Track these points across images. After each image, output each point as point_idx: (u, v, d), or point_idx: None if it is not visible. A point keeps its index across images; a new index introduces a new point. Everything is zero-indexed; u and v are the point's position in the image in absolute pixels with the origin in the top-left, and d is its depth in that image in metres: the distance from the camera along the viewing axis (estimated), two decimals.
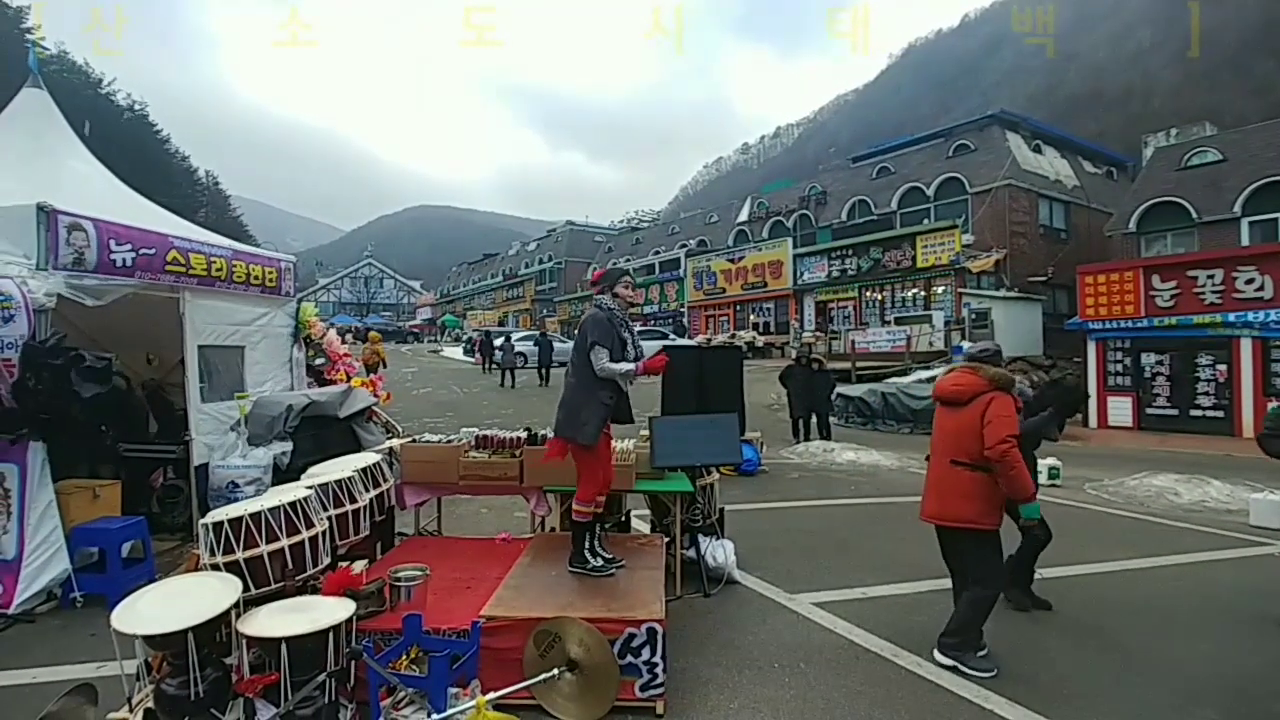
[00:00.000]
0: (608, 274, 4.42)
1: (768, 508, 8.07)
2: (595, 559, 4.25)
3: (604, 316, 4.21)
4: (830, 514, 7.79)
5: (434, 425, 12.75)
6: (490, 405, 17.03)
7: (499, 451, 5.29)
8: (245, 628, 2.94)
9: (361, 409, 6.88)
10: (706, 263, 36.07)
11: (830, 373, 13.21)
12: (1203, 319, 13.93)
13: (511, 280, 62.14)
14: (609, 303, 4.29)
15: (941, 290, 25.05)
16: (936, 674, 3.90)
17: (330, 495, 4.09)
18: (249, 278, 6.60)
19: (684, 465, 5.28)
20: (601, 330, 4.14)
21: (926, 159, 29.87)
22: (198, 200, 56.29)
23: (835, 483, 9.69)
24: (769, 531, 6.92)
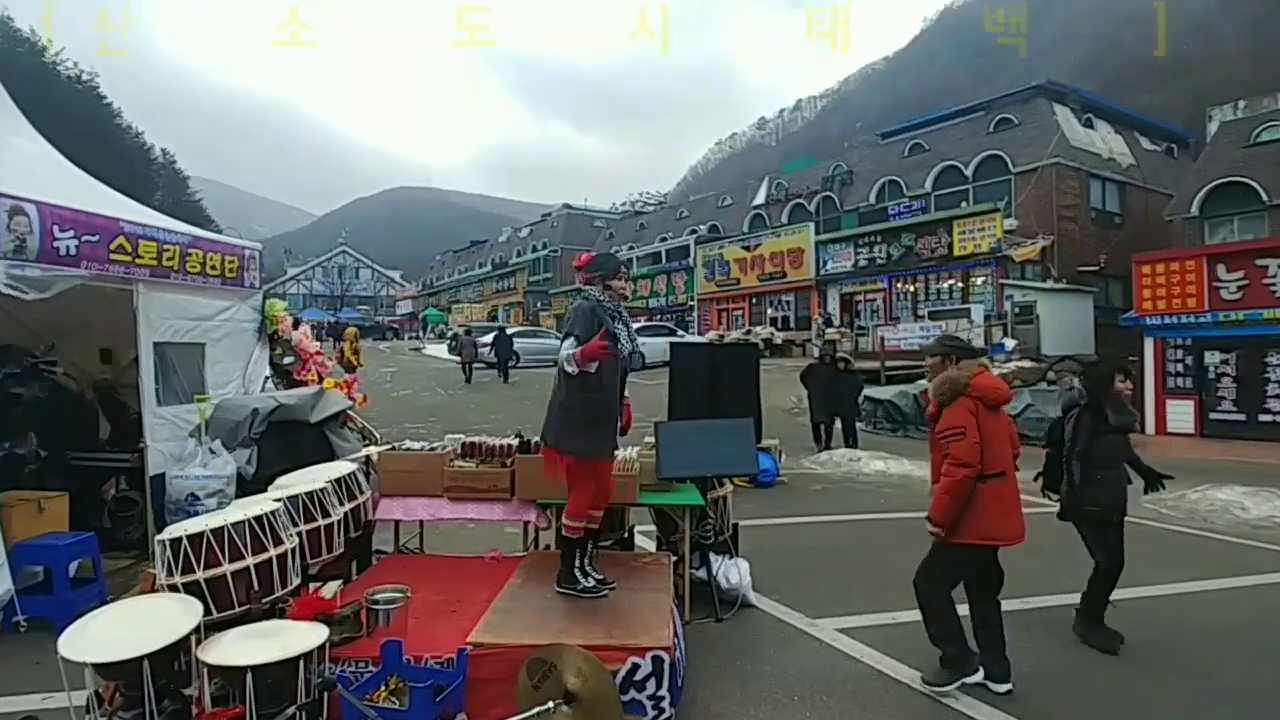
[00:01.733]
0: (598, 261, 4.33)
1: (787, 523, 8.06)
2: (586, 579, 4.25)
3: (589, 307, 4.16)
4: (857, 530, 7.78)
5: (415, 431, 12.77)
6: (478, 409, 17.04)
7: (488, 460, 5.29)
8: (206, 655, 2.95)
9: (335, 413, 6.89)
10: (719, 251, 36.08)
11: (857, 373, 13.21)
12: (1274, 314, 13.86)
13: (502, 270, 62.24)
14: (597, 294, 4.23)
15: (981, 281, 25.00)
16: (973, 707, 3.90)
17: (300, 509, 4.10)
18: (206, 267, 6.61)
19: (693, 476, 5.28)
20: (581, 321, 4.08)
21: (964, 135, 29.81)
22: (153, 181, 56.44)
23: (862, 495, 9.67)
24: (788, 550, 6.91)
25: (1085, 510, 4.73)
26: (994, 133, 28.60)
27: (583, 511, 4.24)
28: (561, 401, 4.14)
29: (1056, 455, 4.98)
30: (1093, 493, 4.69)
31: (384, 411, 15.56)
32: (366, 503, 4.89)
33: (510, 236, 68.54)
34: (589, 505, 4.27)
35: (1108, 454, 4.70)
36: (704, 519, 5.37)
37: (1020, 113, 28.10)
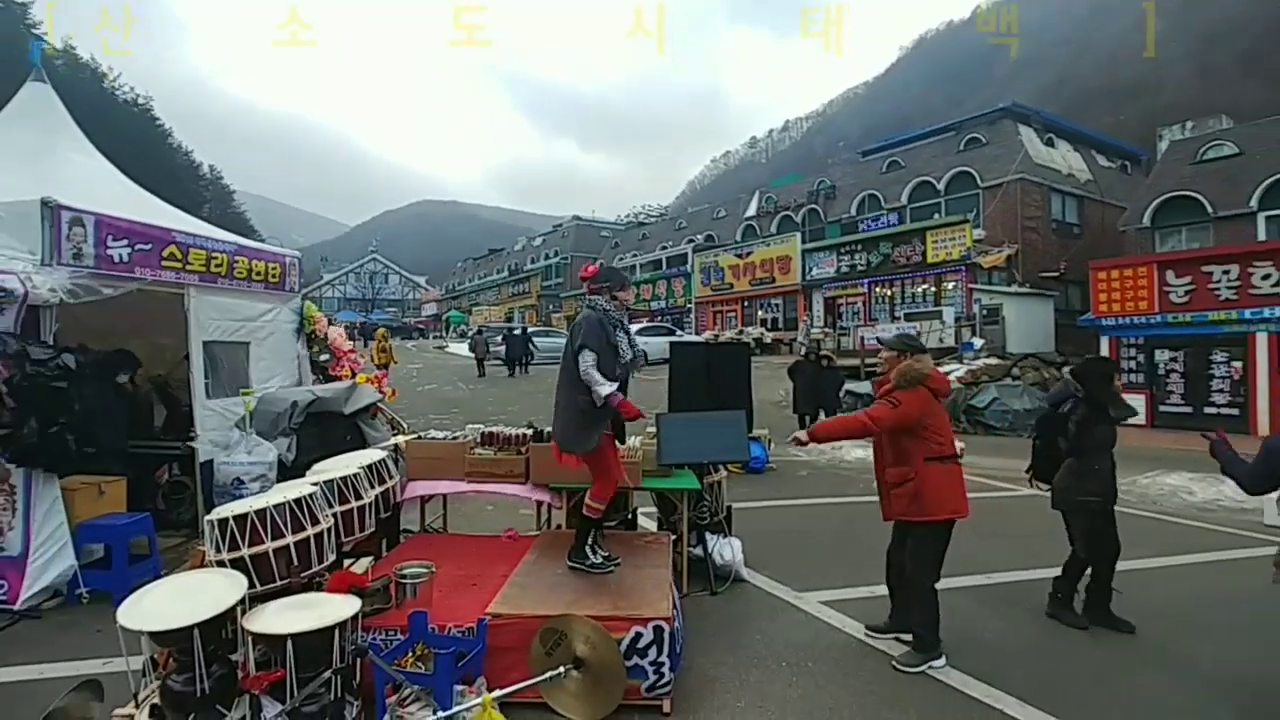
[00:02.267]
0: (605, 274, 4.28)
1: (776, 505, 8.07)
2: (595, 555, 4.25)
3: (596, 318, 4.11)
4: (839, 512, 7.77)
5: (439, 422, 12.78)
6: (496, 402, 17.05)
7: (504, 449, 5.30)
8: (251, 624, 2.95)
9: (366, 405, 6.90)
10: (714, 258, 36.03)
11: (839, 369, 13.18)
12: (1218, 315, 13.82)
13: (517, 276, 62.22)
14: (604, 305, 4.18)
15: (952, 286, 24.94)
16: (945, 673, 3.89)
17: (335, 492, 4.11)
18: (252, 273, 6.62)
19: (691, 463, 5.28)
20: (593, 334, 4.04)
21: (937, 153, 29.72)
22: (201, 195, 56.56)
23: (844, 480, 9.67)
24: (777, 530, 6.91)
25: (1079, 500, 4.58)
26: (964, 151, 28.51)
27: (608, 496, 4.26)
28: (578, 408, 4.06)
29: (1046, 447, 4.83)
30: (1088, 483, 4.56)
31: (411, 404, 15.57)
32: (395, 486, 4.90)
33: (525, 245, 68.52)
34: (614, 489, 4.30)
35: (1101, 445, 4.58)
36: (700, 502, 5.37)
37: (988, 133, 28.01)
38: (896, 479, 4.02)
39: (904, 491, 3.98)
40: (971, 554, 5.69)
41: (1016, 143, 26.60)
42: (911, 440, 3.96)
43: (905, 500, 3.98)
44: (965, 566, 5.37)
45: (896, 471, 4.02)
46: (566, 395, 4.12)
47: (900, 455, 4.01)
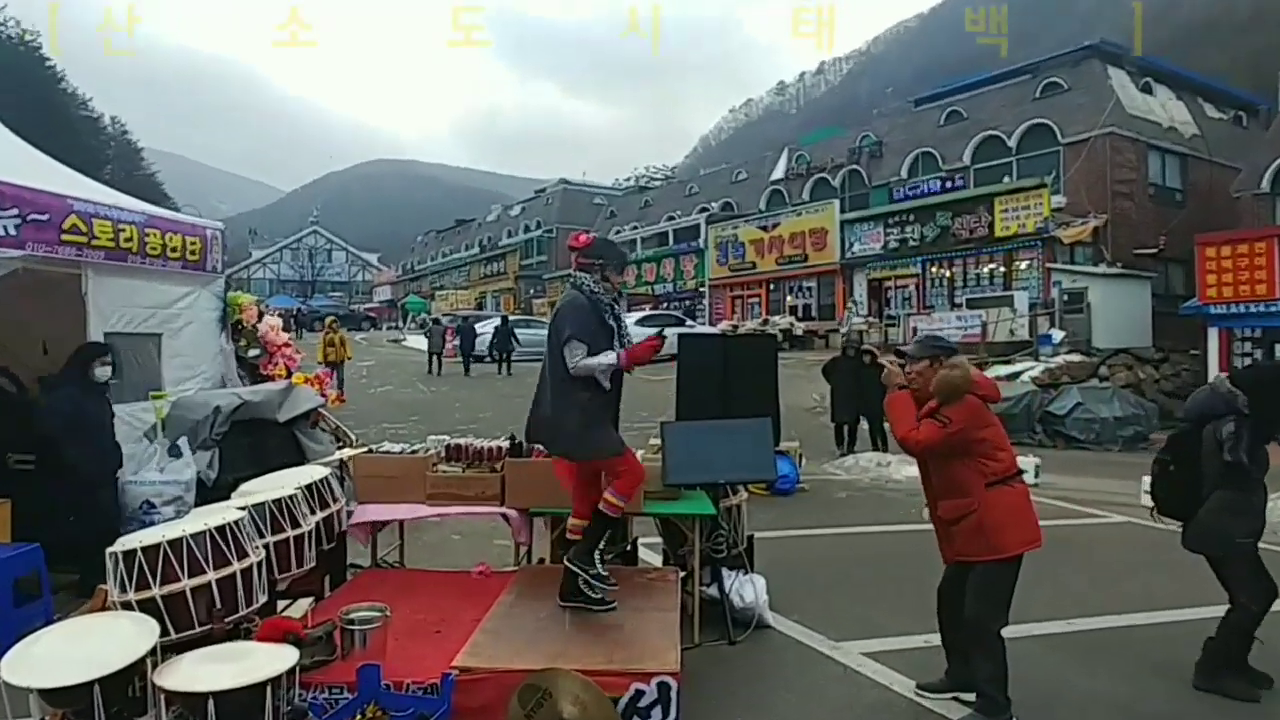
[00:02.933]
0: (600, 246, 4.34)
1: (808, 535, 8.07)
2: (600, 565, 4.27)
3: (584, 301, 4.14)
4: (885, 543, 7.78)
5: (395, 432, 12.79)
6: (464, 407, 17.08)
7: (475, 465, 5.30)
8: (164, 680, 2.96)
9: (305, 412, 6.91)
10: (733, 231, 36.05)
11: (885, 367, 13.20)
12: None
13: (491, 252, 62.29)
14: (592, 285, 4.21)
15: (1025, 265, 24.92)
16: None
17: (268, 518, 4.11)
18: (166, 250, 6.63)
19: (704, 483, 5.28)
20: (580, 320, 4.08)
21: (1008, 101, 29.68)
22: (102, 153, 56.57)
23: (891, 504, 9.68)
24: (809, 564, 6.91)
25: (1241, 543, 4.40)
26: (1040, 99, 28.46)
27: (635, 487, 4.33)
28: (581, 406, 4.10)
29: (1182, 473, 4.63)
30: (1248, 521, 4.41)
31: (360, 409, 15.59)
32: (340, 511, 4.90)
33: (500, 215, 68.47)
34: (642, 477, 4.38)
35: (1263, 472, 4.48)
36: (715, 530, 5.37)
37: (1070, 76, 27.94)
38: (953, 514, 4.03)
39: (965, 527, 3.98)
40: (1048, 594, 5.70)
41: (1106, 89, 26.57)
42: (965, 464, 3.97)
43: (968, 537, 3.99)
44: (1040, 609, 5.37)
45: (952, 505, 4.03)
46: (561, 394, 4.14)
47: (953, 484, 4.03)
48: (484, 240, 66.24)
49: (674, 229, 41.59)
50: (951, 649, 4.30)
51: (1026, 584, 4.06)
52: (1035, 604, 4.40)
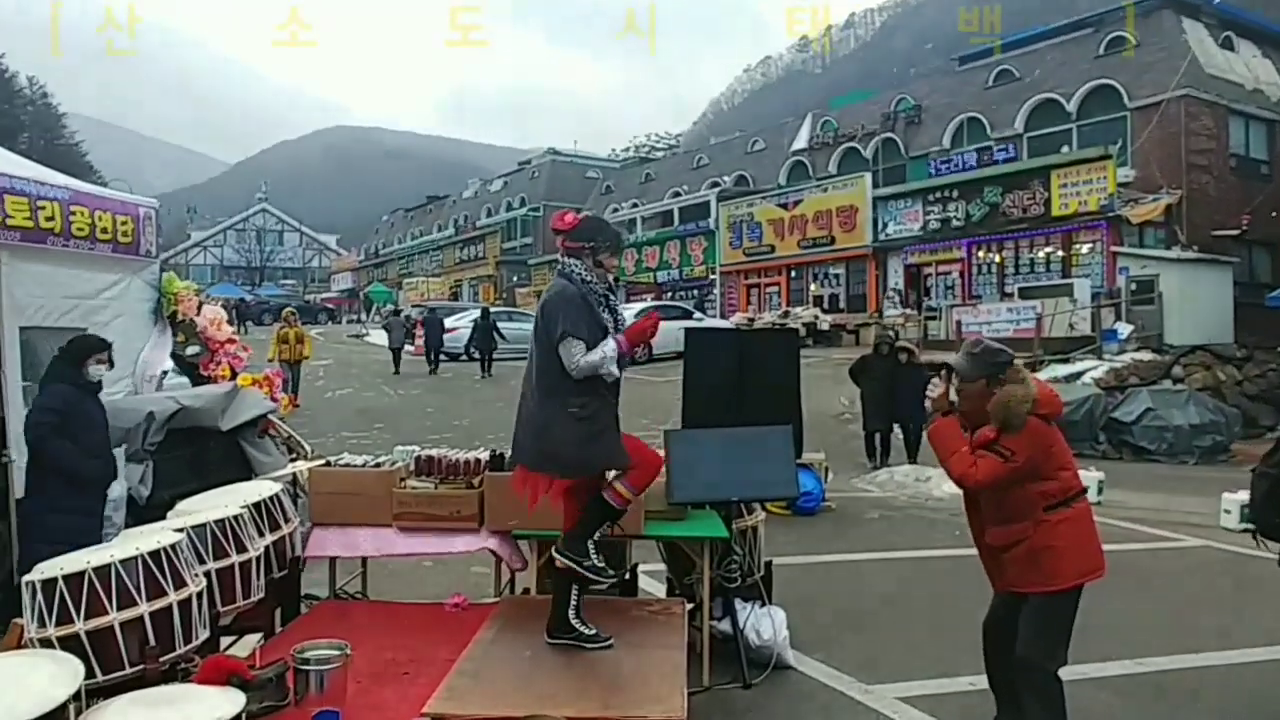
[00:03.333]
0: (592, 227, 4.34)
1: (835, 561, 8.07)
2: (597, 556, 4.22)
3: (574, 292, 4.12)
4: (924, 572, 7.77)
5: (356, 442, 12.79)
6: (437, 413, 17.08)
7: (450, 480, 5.30)
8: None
9: (253, 419, 6.91)
10: (748, 209, 36.06)
11: (924, 367, 13.15)
12: None
13: (467, 234, 62.31)
14: (582, 271, 4.19)
15: (1088, 249, 24.92)
16: None
17: (209, 541, 4.11)
18: (94, 231, 6.63)
19: (714, 500, 5.28)
20: (573, 313, 4.05)
21: (1067, 59, 29.69)
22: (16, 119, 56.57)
23: (931, 526, 9.67)
24: (837, 595, 6.92)
25: None
26: (1105, 56, 28.46)
27: (649, 478, 4.33)
28: (575, 418, 4.07)
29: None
30: None
31: (316, 416, 15.58)
32: (294, 534, 4.90)
33: (478, 190, 68.52)
34: (658, 467, 4.39)
35: None
36: (728, 555, 5.37)
37: (1140, 30, 27.94)
38: (1003, 541, 4.02)
39: (1017, 555, 3.98)
40: (1112, 629, 5.70)
41: (1180, 44, 26.56)
42: (1022, 488, 3.96)
43: (1021, 566, 3.98)
44: (1103, 647, 5.37)
45: (1003, 533, 4.02)
46: (553, 403, 4.10)
47: (1006, 510, 4.02)
48: (459, 220, 66.26)
49: (680, 207, 41.61)
50: (1001, 692, 4.29)
51: (1088, 617, 4.06)
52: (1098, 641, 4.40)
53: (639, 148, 65.74)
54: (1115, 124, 27.24)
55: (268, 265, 80.00)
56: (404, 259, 70.82)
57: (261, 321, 45.58)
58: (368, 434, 14.34)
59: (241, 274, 78.00)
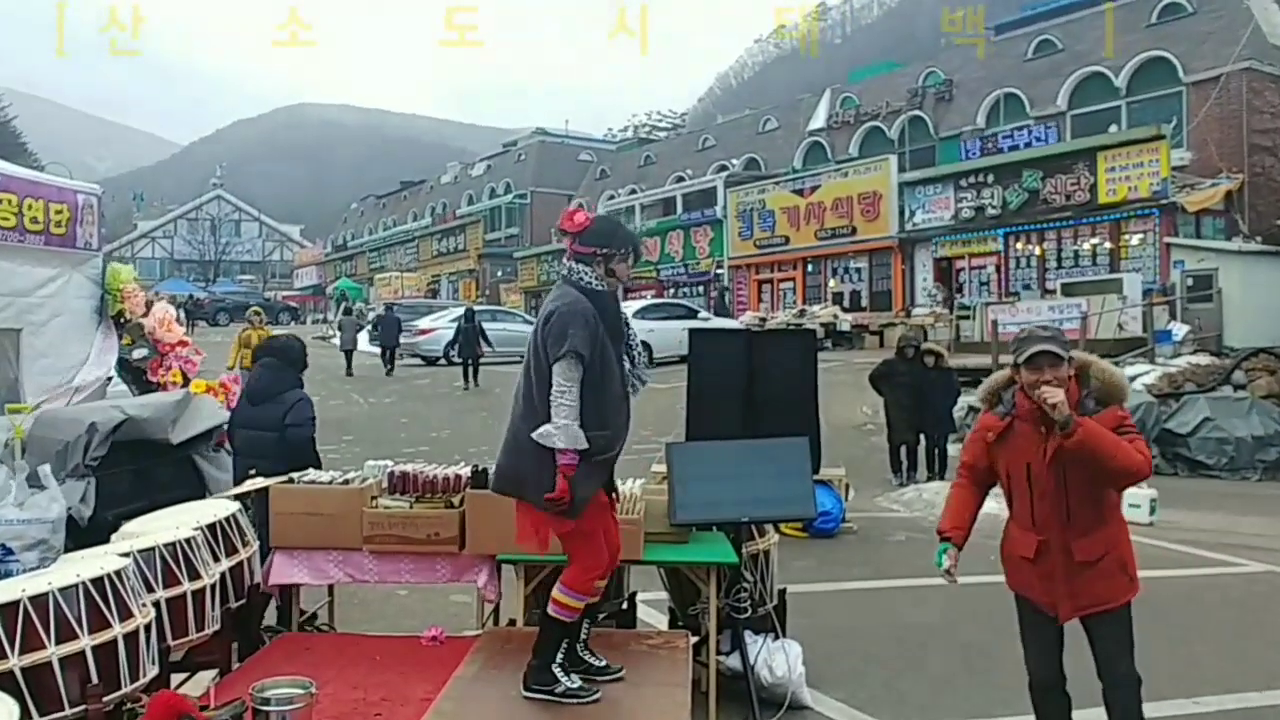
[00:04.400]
0: (606, 230, 4.29)
1: (857, 589, 8.08)
2: (568, 677, 4.20)
3: (587, 306, 4.05)
4: (957, 601, 7.75)
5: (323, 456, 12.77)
6: (412, 424, 17.08)
7: (427, 498, 5.30)
8: None
9: (207, 430, 6.91)
10: (759, 195, 36.11)
11: (953, 372, 13.18)
12: None
13: (446, 224, 62.33)
14: (594, 281, 4.14)
15: (1139, 240, 24.95)
16: None
17: (158, 567, 4.11)
18: (25, 220, 6.63)
19: (722, 522, 5.29)
20: (583, 331, 3.97)
21: (1116, 29, 29.64)
22: None
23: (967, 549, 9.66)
24: (858, 627, 6.93)
25: None
26: (1157, 25, 28.52)
27: (590, 583, 4.19)
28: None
29: None
30: None
31: None
32: (253, 558, 4.90)
33: (459, 175, 68.55)
34: (601, 573, 4.24)
35: None
36: (737, 583, 5.37)
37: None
38: (1097, 552, 3.96)
39: (1106, 568, 3.96)
40: (1168, 664, 5.69)
41: (1242, 11, 26.60)
42: (1112, 486, 4.02)
43: (1110, 577, 3.98)
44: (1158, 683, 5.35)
45: (1092, 543, 3.96)
46: (522, 419, 4.11)
47: (1099, 514, 4.00)
48: (437, 208, 66.32)
49: (683, 193, 41.64)
50: None
51: (1142, 652, 4.06)
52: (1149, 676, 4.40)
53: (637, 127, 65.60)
54: (1168, 101, 27.28)
55: (223, 259, 79.94)
56: (375, 251, 70.87)
57: (216, 321, 45.63)
58: (335, 447, 14.33)
59: (194, 268, 77.97)
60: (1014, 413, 4.03)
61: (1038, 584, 4.10)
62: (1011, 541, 4.22)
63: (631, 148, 56.39)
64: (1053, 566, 4.03)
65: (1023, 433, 4.00)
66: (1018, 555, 4.17)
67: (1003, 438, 4.07)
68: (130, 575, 3.75)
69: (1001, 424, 4.07)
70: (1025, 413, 3.96)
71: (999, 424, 4.08)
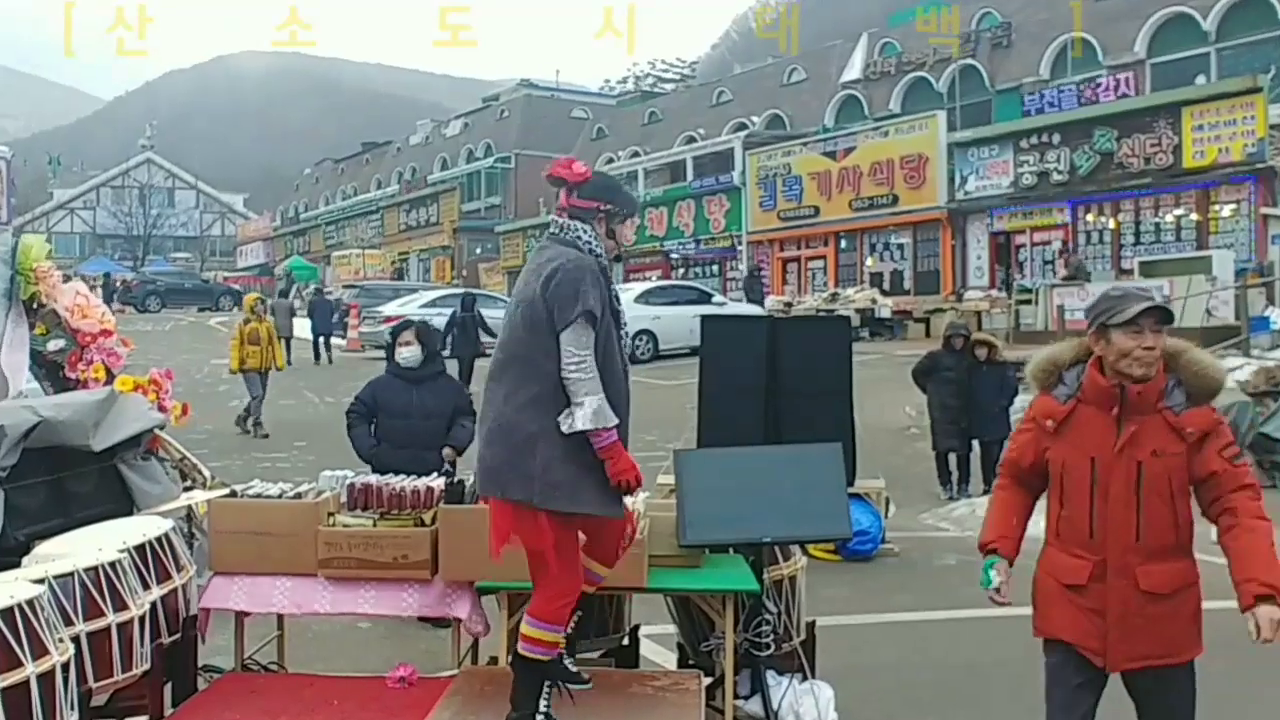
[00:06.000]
0: (608, 186, 4.35)
1: (897, 622, 8.08)
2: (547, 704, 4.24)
3: (594, 265, 4.10)
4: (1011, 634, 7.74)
5: (272, 465, 12.79)
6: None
7: (393, 515, 5.29)
8: None
9: (135, 435, 6.90)
10: (784, 159, 36.08)
11: (1009, 366, 13.14)
12: None
13: (416, 193, 62.29)
14: (593, 240, 4.18)
15: (1230, 211, 24.91)
16: None
17: (77, 596, 4.11)
18: None
19: (740, 543, 5.29)
20: (593, 290, 4.01)
21: None
22: None
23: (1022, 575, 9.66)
24: (899, 666, 6.93)
25: None
26: None
27: (561, 612, 4.21)
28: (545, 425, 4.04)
29: None
30: None
31: (219, 431, 15.59)
32: (189, 585, 4.90)
33: (430, 135, 68.59)
34: (577, 593, 4.28)
35: None
36: (758, 614, 5.38)
37: None
38: (1165, 585, 3.70)
39: (1177, 609, 3.72)
40: None
41: None
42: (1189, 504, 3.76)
43: (1175, 627, 3.72)
44: None
45: (1165, 573, 3.70)
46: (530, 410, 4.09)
47: (1177, 536, 3.73)
48: (405, 174, 66.35)
49: (694, 156, 41.58)
50: None
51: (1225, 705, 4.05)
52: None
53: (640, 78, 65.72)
54: (1266, 46, 27.24)
55: (154, 233, 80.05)
56: (333, 224, 70.91)
57: (146, 307, 45.69)
58: (285, 455, 14.37)
59: (120, 245, 78.15)
60: (1080, 395, 3.77)
61: (1083, 621, 3.79)
62: (1053, 567, 3.94)
63: (634, 103, 56.48)
64: (1108, 597, 3.74)
65: (1089, 420, 3.73)
66: (1060, 585, 3.88)
67: (1063, 427, 3.80)
68: (44, 605, 3.74)
69: (1064, 409, 3.79)
70: (1095, 394, 3.72)
71: (1060, 409, 3.80)
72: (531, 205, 50.95)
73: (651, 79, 65.13)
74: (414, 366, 7.72)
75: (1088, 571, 3.75)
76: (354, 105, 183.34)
